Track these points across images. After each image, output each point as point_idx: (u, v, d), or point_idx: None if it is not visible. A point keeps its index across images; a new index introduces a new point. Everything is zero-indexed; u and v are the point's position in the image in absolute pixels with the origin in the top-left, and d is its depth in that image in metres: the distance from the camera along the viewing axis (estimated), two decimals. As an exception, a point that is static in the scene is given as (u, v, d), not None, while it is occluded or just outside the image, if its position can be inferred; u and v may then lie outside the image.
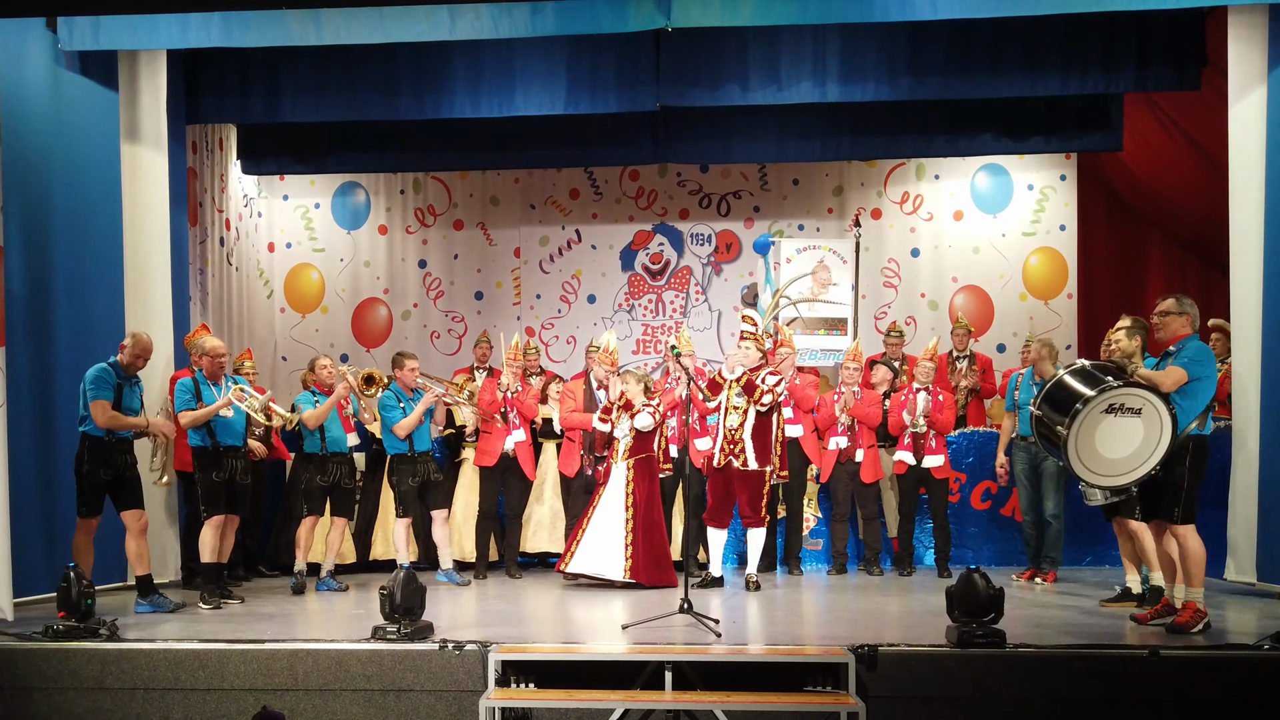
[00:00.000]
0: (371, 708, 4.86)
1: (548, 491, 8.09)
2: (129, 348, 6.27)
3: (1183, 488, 5.35)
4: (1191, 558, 5.35)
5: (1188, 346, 5.38)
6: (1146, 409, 5.22)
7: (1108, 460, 5.32)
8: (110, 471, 6.15)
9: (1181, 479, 5.35)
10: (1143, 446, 5.25)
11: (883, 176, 10.90)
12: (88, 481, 6.12)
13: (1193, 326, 5.45)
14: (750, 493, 6.99)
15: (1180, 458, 5.32)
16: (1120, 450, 5.29)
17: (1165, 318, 5.48)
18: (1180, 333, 5.44)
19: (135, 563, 6.30)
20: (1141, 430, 5.24)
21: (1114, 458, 5.31)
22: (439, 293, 11.23)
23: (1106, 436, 5.28)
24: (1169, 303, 5.50)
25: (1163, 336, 5.51)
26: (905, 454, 7.72)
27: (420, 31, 6.81)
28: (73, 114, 6.99)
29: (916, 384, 7.83)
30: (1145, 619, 5.61)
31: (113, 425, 6.10)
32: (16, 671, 5.00)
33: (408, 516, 7.46)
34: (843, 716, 4.54)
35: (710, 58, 7.72)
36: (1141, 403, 5.22)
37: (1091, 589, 7.00)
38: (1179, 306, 5.46)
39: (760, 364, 7.04)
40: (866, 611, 6.24)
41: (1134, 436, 5.25)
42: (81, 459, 6.13)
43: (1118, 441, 5.28)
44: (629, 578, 6.99)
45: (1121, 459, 5.30)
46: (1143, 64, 7.59)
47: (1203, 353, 5.37)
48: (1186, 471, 5.35)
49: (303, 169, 10.27)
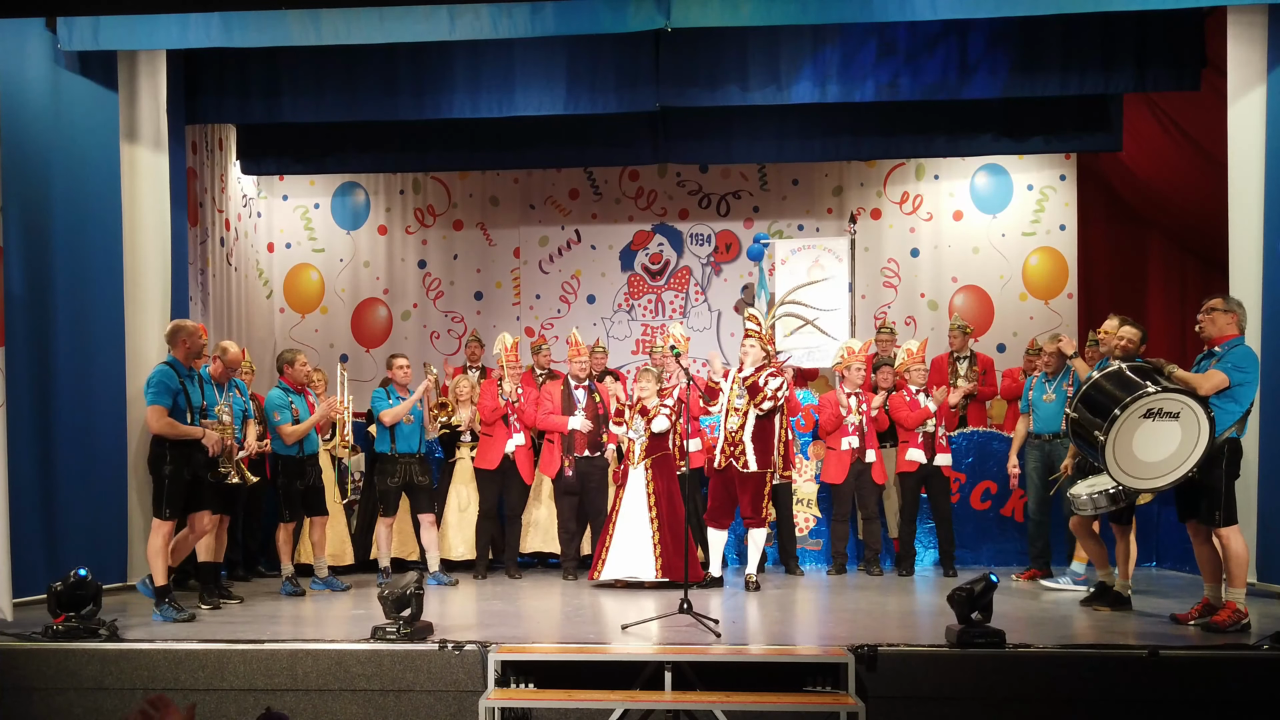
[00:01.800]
0: (371, 708, 4.86)
1: (544, 493, 8.09)
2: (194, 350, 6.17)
3: (1220, 491, 5.36)
4: (1235, 559, 5.37)
5: (1233, 350, 5.38)
6: (1185, 413, 5.22)
7: (1145, 464, 5.32)
8: (191, 471, 6.02)
9: (1219, 482, 5.36)
10: (1180, 450, 5.25)
11: (882, 176, 10.91)
12: (171, 483, 5.97)
13: (1239, 327, 5.45)
14: (752, 494, 6.99)
15: (1217, 461, 5.33)
16: (1158, 454, 5.28)
17: (1212, 314, 5.48)
18: (1227, 332, 5.44)
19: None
20: (1179, 434, 5.24)
21: (1151, 461, 5.31)
22: (439, 293, 11.23)
23: (1144, 440, 5.28)
24: (1218, 300, 5.52)
25: (1209, 334, 5.50)
26: (917, 452, 7.72)
27: (420, 31, 6.81)
28: (72, 114, 6.98)
29: (914, 386, 7.82)
30: (1186, 618, 5.59)
31: (166, 433, 5.92)
32: (16, 671, 5.00)
33: (389, 516, 7.49)
34: (842, 716, 4.54)
35: (710, 58, 7.72)
36: (1180, 407, 5.22)
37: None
38: (1227, 305, 5.48)
39: (763, 365, 7.03)
40: (866, 611, 6.24)
41: (1171, 440, 5.25)
42: (162, 460, 5.97)
43: (1155, 445, 5.27)
44: (661, 576, 7.00)
45: (1158, 462, 5.30)
46: (1142, 64, 7.58)
47: (1246, 357, 5.38)
48: (1223, 475, 5.37)
49: (302, 169, 10.28)
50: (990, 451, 8.23)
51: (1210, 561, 5.56)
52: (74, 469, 6.67)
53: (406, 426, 7.43)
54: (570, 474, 7.57)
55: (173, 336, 6.13)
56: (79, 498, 6.69)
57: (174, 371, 6.00)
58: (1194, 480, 5.35)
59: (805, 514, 8.15)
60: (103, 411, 6.97)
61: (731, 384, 7.04)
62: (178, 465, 5.95)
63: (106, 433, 6.99)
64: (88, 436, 6.83)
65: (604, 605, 6.47)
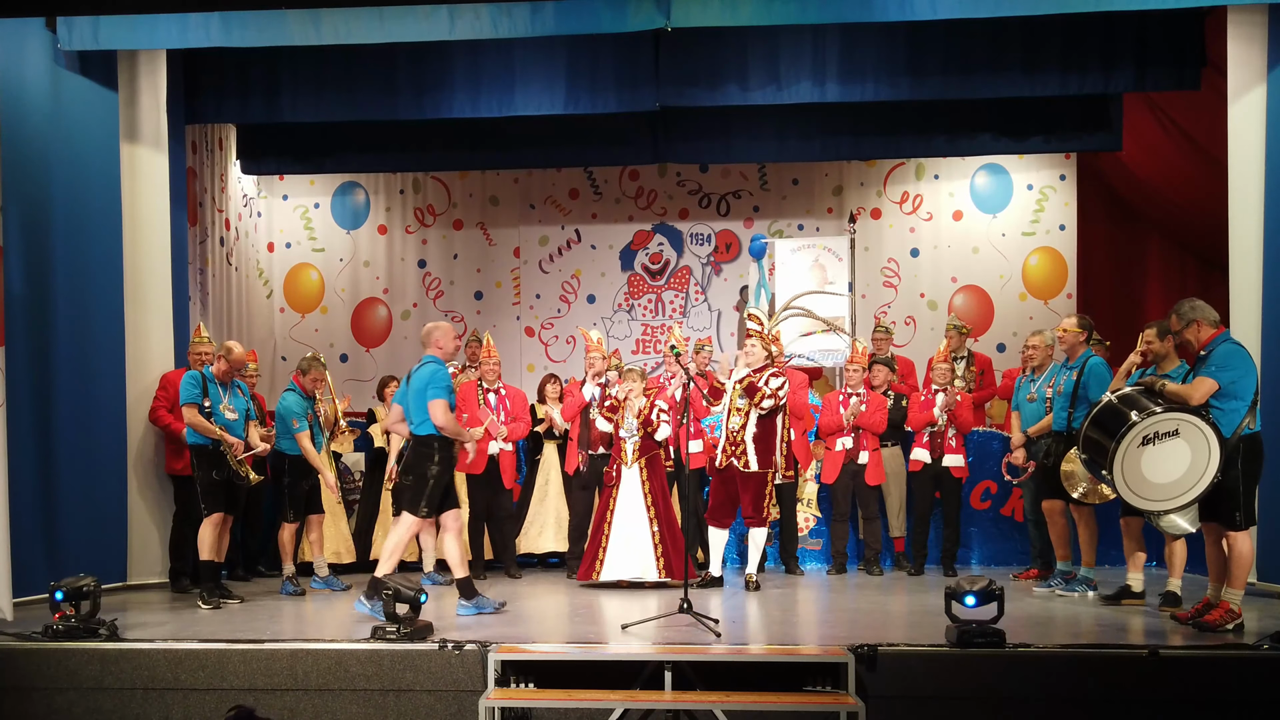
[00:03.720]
0: (371, 708, 4.86)
1: (551, 492, 8.08)
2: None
3: (1239, 492, 5.30)
4: (1239, 561, 5.33)
5: (1215, 351, 5.35)
6: (1184, 428, 5.19)
7: (1163, 486, 5.27)
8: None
9: (1236, 483, 5.29)
10: (1195, 463, 5.20)
11: (882, 176, 10.90)
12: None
13: (1210, 322, 5.41)
14: (753, 493, 6.99)
15: (1233, 460, 5.26)
16: (1172, 473, 5.23)
17: (1183, 332, 5.49)
18: (1204, 336, 5.41)
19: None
20: (1188, 449, 5.19)
21: (1168, 481, 5.25)
22: (438, 292, 11.23)
23: (1153, 464, 5.24)
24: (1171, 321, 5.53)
25: (1192, 344, 5.49)
26: (921, 452, 7.71)
27: (420, 31, 6.81)
28: (72, 114, 6.98)
29: (935, 385, 7.83)
30: (1186, 618, 5.58)
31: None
32: (16, 671, 4.99)
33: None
34: (842, 716, 4.54)
35: (710, 58, 7.72)
36: (1175, 423, 5.19)
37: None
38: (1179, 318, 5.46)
39: (764, 364, 7.03)
40: (866, 611, 6.24)
41: (1182, 457, 5.20)
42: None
43: (1166, 466, 5.23)
44: (664, 576, 7.00)
45: (1176, 480, 5.24)
46: (1142, 64, 7.58)
47: (1228, 354, 5.32)
48: (1240, 474, 5.30)
49: (302, 169, 10.28)
50: (990, 451, 8.22)
51: (1218, 562, 5.54)
52: (74, 469, 6.67)
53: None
54: (585, 469, 7.58)
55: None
56: (79, 498, 6.70)
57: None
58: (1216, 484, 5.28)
59: (805, 514, 8.15)
60: (103, 411, 6.98)
61: (732, 385, 7.04)
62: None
63: (106, 433, 7.00)
64: (88, 436, 6.84)
65: (604, 605, 6.47)
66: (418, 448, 6.05)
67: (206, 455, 6.54)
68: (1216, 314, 5.50)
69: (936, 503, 7.85)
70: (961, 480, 7.82)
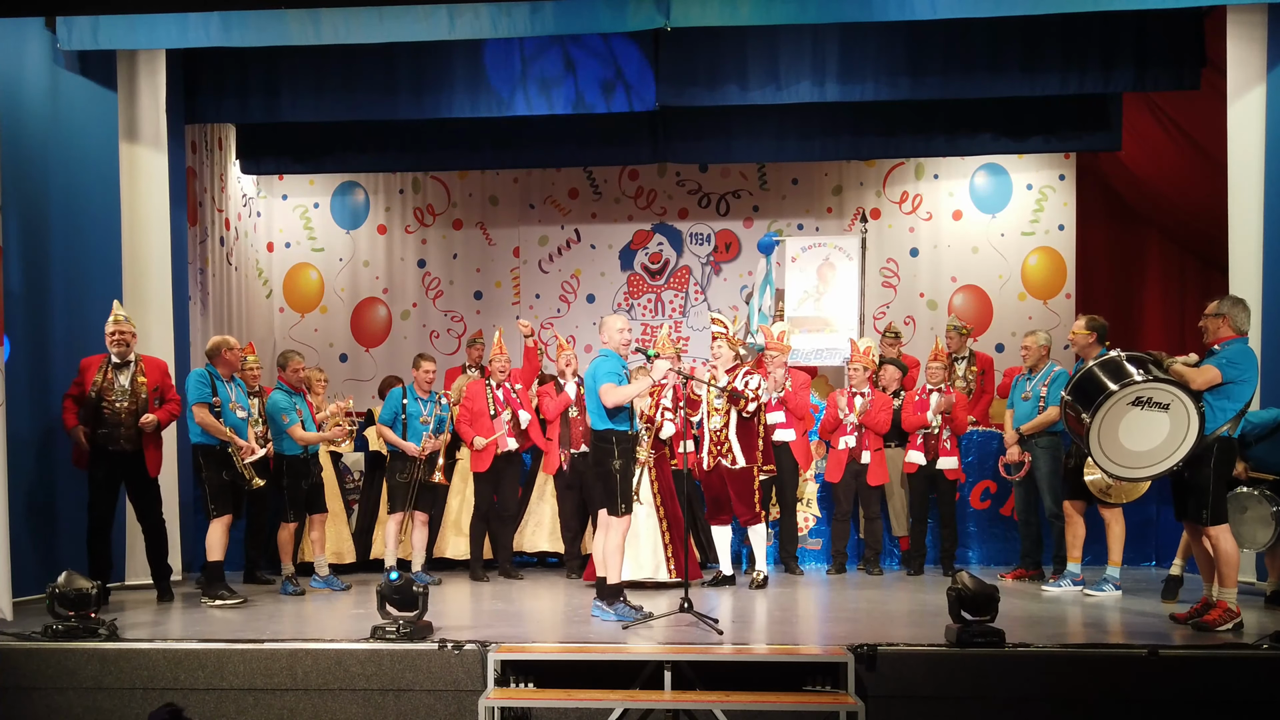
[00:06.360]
0: (371, 707, 4.86)
1: (549, 490, 8.08)
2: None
3: (1208, 490, 5.33)
4: (1224, 558, 5.35)
5: (1230, 348, 5.38)
6: (1175, 405, 5.20)
7: (1131, 452, 5.30)
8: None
9: (1207, 481, 5.34)
10: (1167, 442, 5.23)
11: (882, 176, 10.91)
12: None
13: (1234, 328, 5.43)
14: (740, 490, 7.01)
15: (1205, 459, 5.30)
16: (1145, 443, 5.26)
17: (1206, 319, 5.52)
18: (1221, 334, 5.44)
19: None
20: (1168, 425, 5.21)
21: (1137, 450, 5.29)
22: (438, 292, 11.23)
23: (1131, 428, 5.26)
24: (1211, 304, 5.54)
25: (1207, 339, 5.52)
26: (916, 454, 7.71)
27: (419, 31, 6.81)
28: (71, 113, 6.98)
29: (929, 385, 7.82)
30: (1183, 618, 5.59)
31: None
32: (16, 671, 4.99)
33: (397, 512, 7.47)
34: (842, 716, 4.54)
35: (709, 57, 7.72)
36: (1170, 398, 5.20)
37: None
38: (1217, 308, 5.49)
39: (735, 365, 7.04)
40: (866, 611, 6.24)
41: (1159, 430, 5.22)
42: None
43: (1142, 434, 5.25)
44: (675, 577, 6.96)
45: (1144, 452, 5.28)
46: (1141, 63, 7.59)
47: (1242, 355, 5.36)
48: (1211, 474, 5.34)
49: (302, 169, 10.28)
50: (990, 451, 8.22)
51: (1206, 561, 5.56)
52: (73, 469, 6.66)
53: (421, 426, 7.40)
54: (567, 468, 7.58)
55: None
56: (79, 498, 6.68)
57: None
58: (1183, 478, 5.35)
59: (805, 514, 8.14)
60: (102, 411, 6.97)
61: (708, 388, 7.02)
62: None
63: (106, 432, 6.99)
64: (87, 436, 6.83)
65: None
66: (597, 444, 5.94)
67: (214, 456, 6.51)
68: (1249, 327, 5.54)
69: (933, 503, 7.85)
70: (957, 483, 7.81)
